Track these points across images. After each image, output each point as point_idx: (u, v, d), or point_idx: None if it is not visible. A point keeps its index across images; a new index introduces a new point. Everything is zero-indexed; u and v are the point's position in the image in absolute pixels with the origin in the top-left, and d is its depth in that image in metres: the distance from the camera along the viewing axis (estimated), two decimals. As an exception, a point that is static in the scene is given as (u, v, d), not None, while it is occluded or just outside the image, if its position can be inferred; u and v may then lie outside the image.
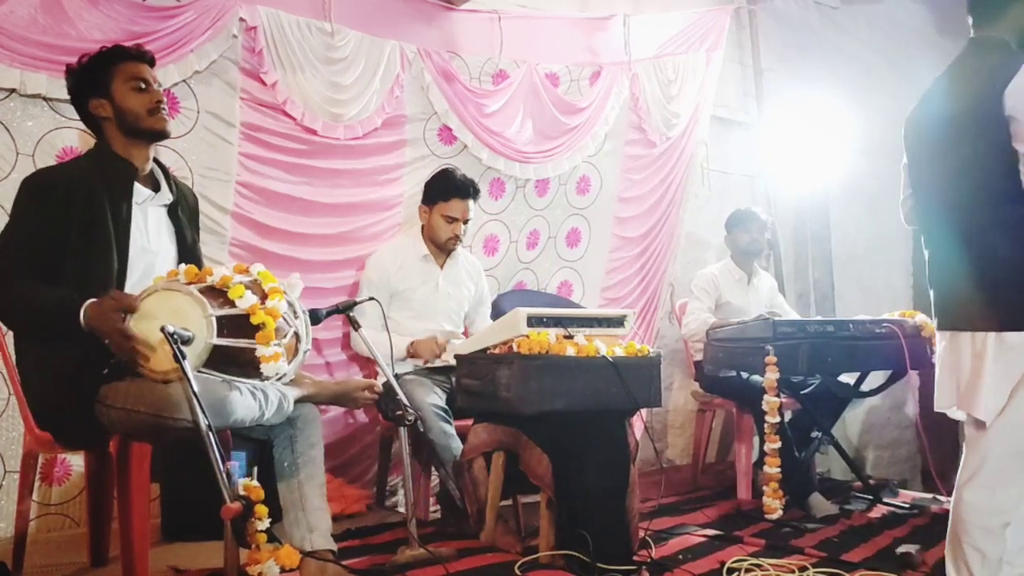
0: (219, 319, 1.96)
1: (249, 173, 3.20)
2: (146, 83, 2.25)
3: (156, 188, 2.29)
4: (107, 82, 2.22)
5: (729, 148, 5.05)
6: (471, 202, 3.34)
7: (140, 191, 2.23)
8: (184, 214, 2.36)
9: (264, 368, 1.99)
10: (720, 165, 4.97)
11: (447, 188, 3.32)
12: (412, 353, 3.22)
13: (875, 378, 3.84)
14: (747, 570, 2.59)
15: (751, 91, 5.19)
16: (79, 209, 2.09)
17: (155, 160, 2.32)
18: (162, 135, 2.28)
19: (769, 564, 2.63)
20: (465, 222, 3.34)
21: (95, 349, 1.97)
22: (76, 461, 2.87)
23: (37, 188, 2.12)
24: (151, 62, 2.32)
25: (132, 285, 2.14)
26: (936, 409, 2.22)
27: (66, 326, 1.94)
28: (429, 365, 3.26)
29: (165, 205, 2.31)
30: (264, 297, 2.07)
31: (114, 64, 2.23)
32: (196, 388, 1.71)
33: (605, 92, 4.23)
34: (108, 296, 1.95)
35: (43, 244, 2.07)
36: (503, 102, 3.87)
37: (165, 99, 2.29)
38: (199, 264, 2.31)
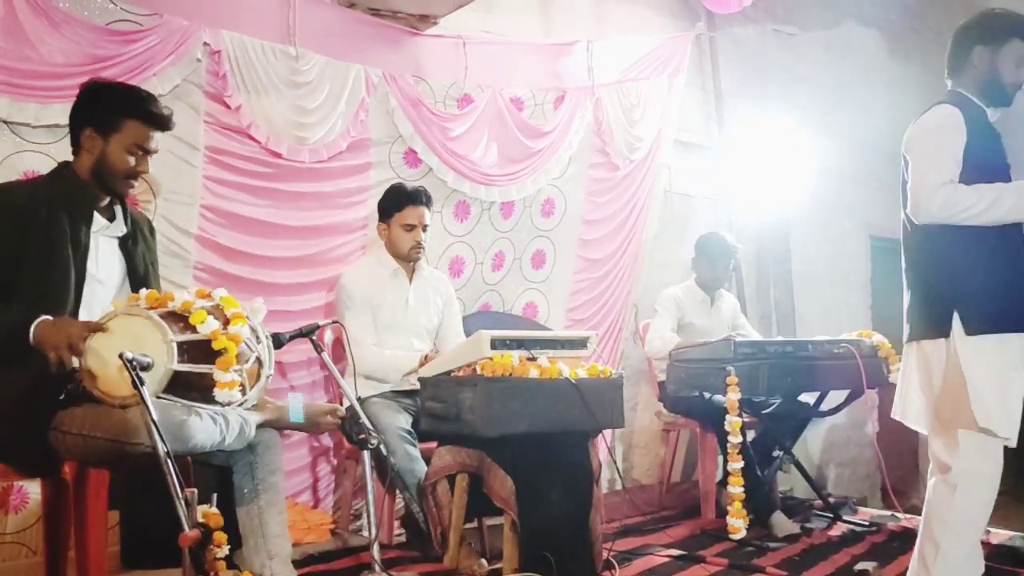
0: (180, 344, 1.95)
1: (213, 196, 3.19)
2: (144, 152, 2.23)
3: (111, 218, 2.27)
4: (111, 127, 2.18)
5: (691, 171, 5.13)
6: (425, 209, 3.36)
7: (96, 219, 2.22)
8: (138, 247, 2.33)
9: (218, 394, 1.98)
10: (683, 188, 5.05)
11: (399, 199, 3.35)
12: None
13: (835, 397, 3.91)
14: (709, 590, 2.63)
15: (712, 115, 5.28)
16: (38, 229, 2.06)
17: None
18: (120, 199, 2.27)
19: (730, 583, 2.67)
20: (424, 228, 3.36)
21: (50, 375, 1.96)
22: (33, 489, 2.82)
23: None
24: (167, 129, 2.29)
25: (80, 312, 2.13)
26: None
27: (13, 348, 1.92)
28: (395, 388, 3.26)
29: (117, 237, 2.29)
30: (226, 322, 2.06)
31: (129, 117, 2.19)
32: (155, 414, 1.70)
33: (569, 116, 4.28)
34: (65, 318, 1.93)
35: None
36: (468, 126, 3.90)
37: (149, 170, 2.28)
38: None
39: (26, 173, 2.75)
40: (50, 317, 1.95)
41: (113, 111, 2.19)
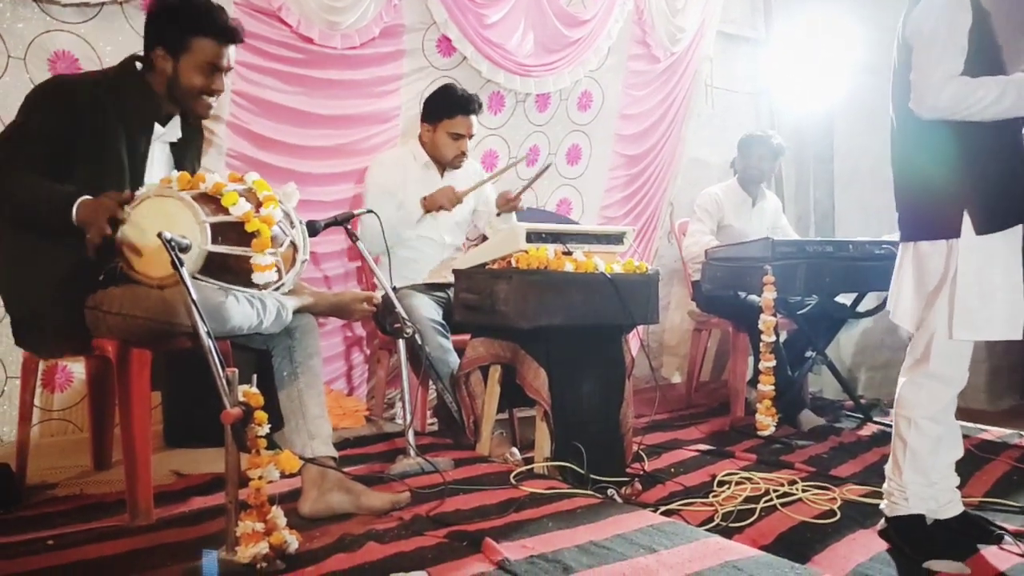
0: (213, 226, 1.94)
1: (244, 82, 3.13)
2: (217, 68, 2.17)
3: (166, 122, 2.23)
4: (181, 47, 2.13)
5: (734, 65, 4.96)
6: (475, 118, 3.28)
7: (155, 129, 2.19)
8: (188, 147, 2.31)
9: (256, 276, 1.98)
10: (724, 83, 4.89)
11: (452, 105, 3.24)
12: (428, 205, 3.20)
13: (871, 300, 3.86)
14: (737, 483, 2.65)
15: (759, 6, 5.07)
16: (93, 128, 2.03)
17: None
18: (197, 119, 2.24)
19: (759, 478, 2.69)
20: (470, 137, 3.29)
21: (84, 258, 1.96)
22: (77, 368, 2.90)
23: (54, 92, 2.06)
24: (238, 41, 2.22)
25: None
26: None
27: (58, 221, 1.89)
28: (427, 280, 3.27)
29: (170, 142, 2.27)
30: (259, 205, 2.04)
31: (197, 35, 2.13)
32: (194, 294, 1.71)
33: (609, 4, 4.12)
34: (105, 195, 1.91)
35: (49, 147, 2.00)
36: (504, 12, 3.76)
37: (224, 88, 2.22)
38: None
39: (56, 52, 2.71)
40: (90, 197, 1.92)
41: (180, 30, 2.14)
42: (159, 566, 1.80)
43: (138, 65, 2.19)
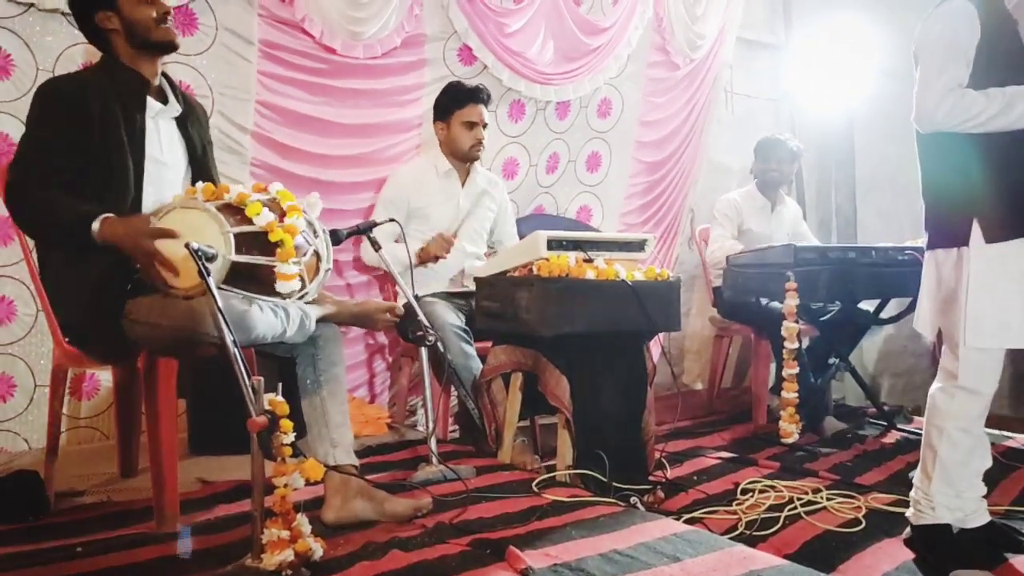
0: (236, 236, 1.96)
1: (268, 92, 3.16)
2: None
3: (165, 101, 2.27)
4: None
5: (754, 71, 4.94)
6: (484, 107, 3.33)
7: (151, 104, 2.21)
8: (194, 127, 2.33)
9: (279, 286, 2.00)
10: (744, 88, 4.87)
11: (460, 96, 3.31)
12: (423, 257, 3.20)
13: (894, 306, 3.83)
14: (761, 491, 2.64)
15: (779, 11, 5.04)
16: (94, 120, 2.07)
17: (163, 73, 2.29)
18: (170, 47, 2.23)
19: (783, 486, 2.67)
20: (484, 127, 3.32)
21: (119, 263, 1.99)
22: (104, 376, 2.94)
23: (51, 96, 2.09)
24: None
25: (147, 197, 2.14)
26: None
27: (83, 239, 1.95)
28: (448, 289, 3.28)
29: (175, 118, 2.29)
30: (282, 215, 2.06)
31: None
32: (220, 304, 1.73)
33: (628, 12, 4.12)
34: (138, 217, 1.95)
35: (62, 152, 2.04)
36: (524, 21, 3.78)
37: (172, 10, 2.24)
38: (213, 177, 2.32)
39: (84, 65, 2.75)
40: (112, 215, 1.97)
41: None
42: (185, 573, 1.81)
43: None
